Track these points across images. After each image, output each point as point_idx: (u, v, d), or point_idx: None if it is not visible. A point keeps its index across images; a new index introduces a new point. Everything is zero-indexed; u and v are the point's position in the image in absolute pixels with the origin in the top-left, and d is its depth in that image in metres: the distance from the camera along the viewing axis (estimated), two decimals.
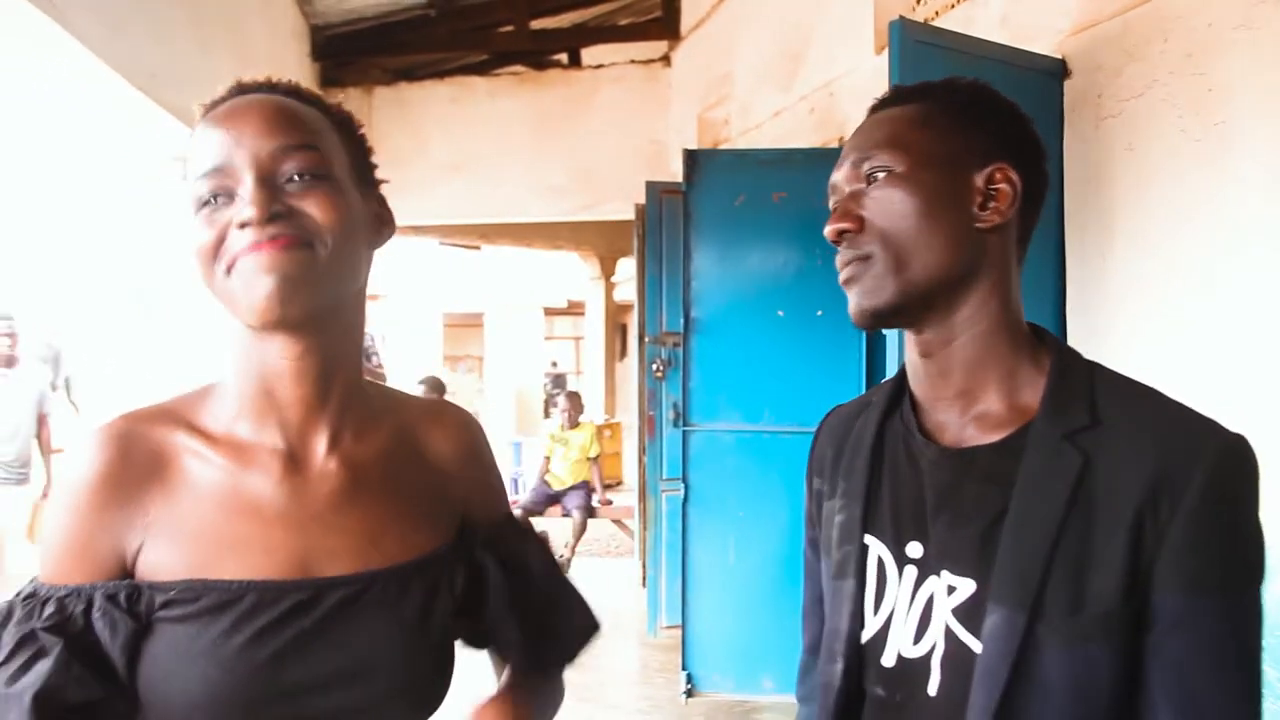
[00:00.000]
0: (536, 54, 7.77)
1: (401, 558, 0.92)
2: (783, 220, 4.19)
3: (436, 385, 7.38)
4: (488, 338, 18.11)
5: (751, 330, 4.39)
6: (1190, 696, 0.80)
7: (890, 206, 0.90)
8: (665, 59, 6.97)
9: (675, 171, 6.81)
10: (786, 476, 4.25)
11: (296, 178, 0.85)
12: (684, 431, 4.42)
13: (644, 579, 6.30)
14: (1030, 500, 0.85)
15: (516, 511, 5.45)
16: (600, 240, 10.83)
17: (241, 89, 0.89)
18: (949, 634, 0.88)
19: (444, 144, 7.15)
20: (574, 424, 7.28)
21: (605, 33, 7.21)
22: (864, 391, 1.14)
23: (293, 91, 0.90)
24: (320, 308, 0.86)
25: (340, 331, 0.92)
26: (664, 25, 6.80)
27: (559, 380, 20.14)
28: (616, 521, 7.44)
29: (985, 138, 0.93)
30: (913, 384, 0.99)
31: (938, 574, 0.90)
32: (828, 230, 0.93)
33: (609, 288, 11.34)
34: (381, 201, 0.97)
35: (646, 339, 5.36)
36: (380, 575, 0.90)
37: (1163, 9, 2.26)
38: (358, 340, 0.96)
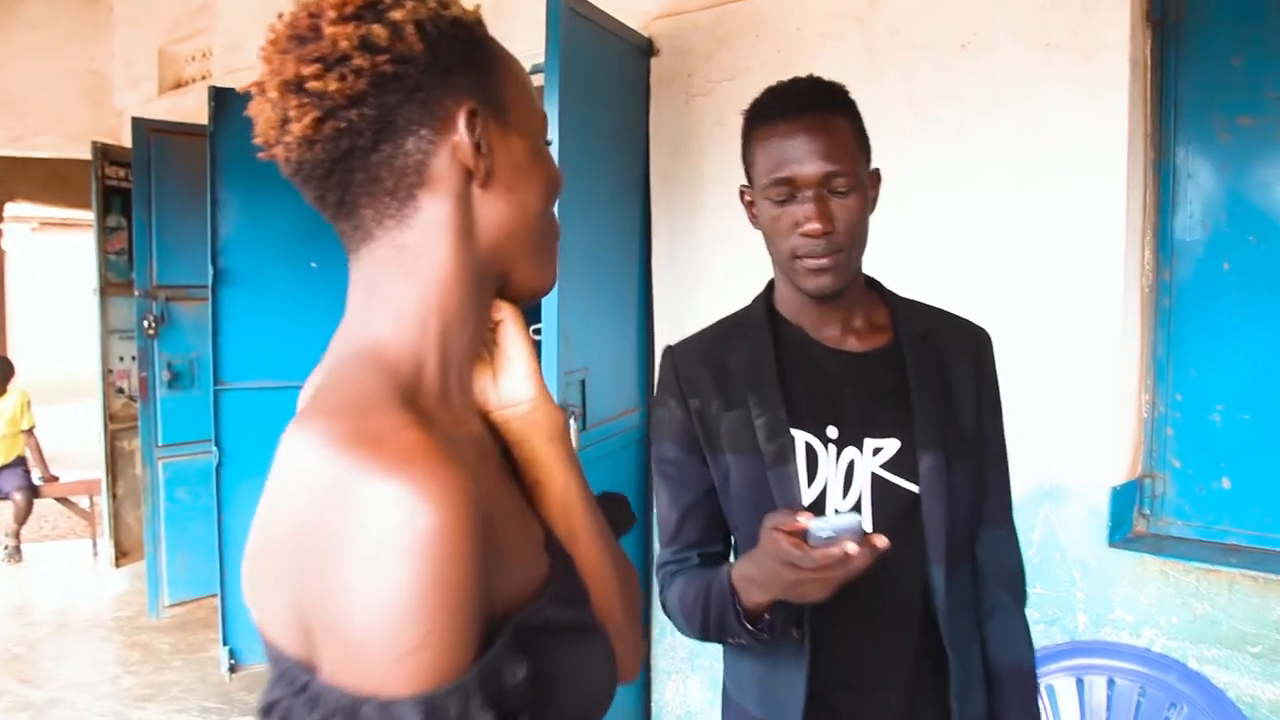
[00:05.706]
0: None
1: None
2: None
3: None
4: None
5: (286, 282, 4.19)
6: (1001, 473, 1.35)
7: (851, 215, 1.20)
8: None
9: (124, 107, 6.13)
10: None
11: None
12: (216, 391, 4.10)
13: (116, 559, 5.71)
14: (922, 381, 1.27)
15: None
16: None
17: None
18: (876, 482, 1.24)
19: None
20: None
21: None
22: None
23: None
24: None
25: None
26: None
27: None
28: (63, 500, 6.57)
29: (866, 141, 1.25)
30: (797, 317, 1.31)
31: (857, 443, 1.25)
32: (815, 228, 1.18)
33: None
34: None
35: (136, 292, 4.84)
36: None
37: (754, 8, 2.71)
38: None
